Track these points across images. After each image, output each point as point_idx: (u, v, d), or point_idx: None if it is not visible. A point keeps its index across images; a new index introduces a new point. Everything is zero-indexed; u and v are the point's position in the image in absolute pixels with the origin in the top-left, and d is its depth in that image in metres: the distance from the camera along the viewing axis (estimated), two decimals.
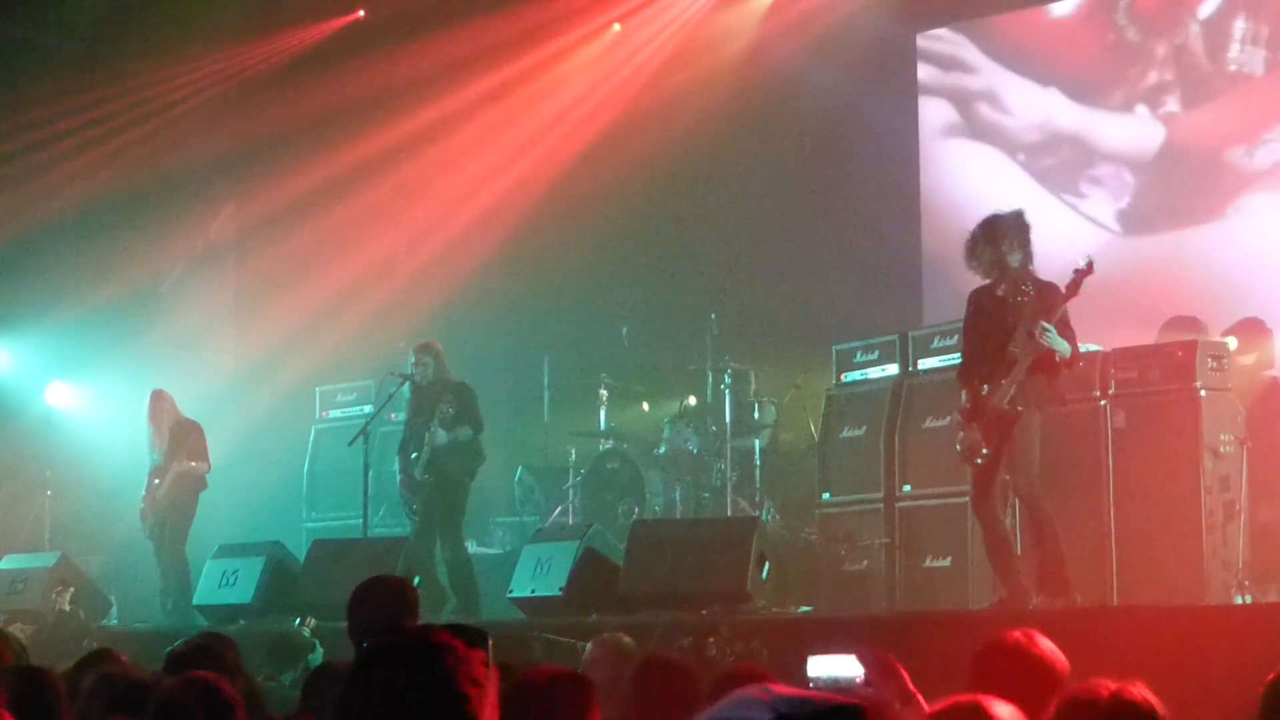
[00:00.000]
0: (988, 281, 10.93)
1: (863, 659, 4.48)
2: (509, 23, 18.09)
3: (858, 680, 4.44)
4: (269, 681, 9.73)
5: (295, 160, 18.55)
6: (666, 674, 6.34)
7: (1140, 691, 4.00)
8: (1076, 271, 10.57)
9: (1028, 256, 10.85)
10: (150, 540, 15.60)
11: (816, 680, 4.45)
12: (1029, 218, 10.99)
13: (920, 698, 4.44)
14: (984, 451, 10.75)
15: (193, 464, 15.49)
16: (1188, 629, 9.22)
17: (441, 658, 2.91)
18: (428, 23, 18.29)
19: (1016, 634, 5.27)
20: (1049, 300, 10.65)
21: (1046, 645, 5.24)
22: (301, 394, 17.69)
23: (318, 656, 10.43)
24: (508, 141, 18.54)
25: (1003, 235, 10.82)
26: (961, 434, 10.94)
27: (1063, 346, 10.62)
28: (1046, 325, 10.50)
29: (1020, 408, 10.62)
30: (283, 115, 19.03)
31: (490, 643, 3.01)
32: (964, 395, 11.00)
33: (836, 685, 4.41)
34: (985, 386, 10.76)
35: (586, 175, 17.98)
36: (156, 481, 15.44)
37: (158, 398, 15.68)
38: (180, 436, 15.56)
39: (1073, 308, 10.75)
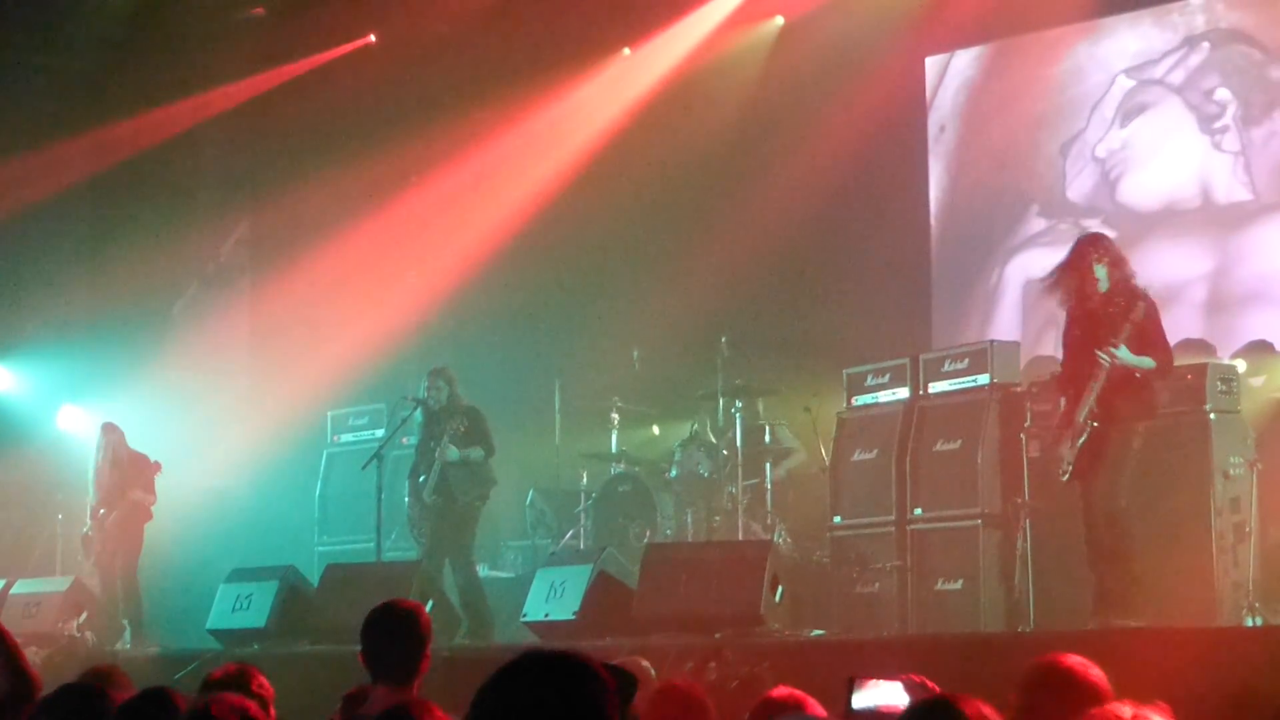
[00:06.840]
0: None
1: (909, 688, 4.48)
2: (521, 48, 18.16)
3: (903, 709, 4.43)
4: None
5: (308, 183, 18.63)
6: (683, 700, 6.36)
7: (1157, 715, 4.00)
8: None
9: (1122, 268, 10.95)
10: (97, 571, 15.75)
11: (862, 710, 4.44)
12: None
13: None
14: (1067, 465, 10.81)
15: (143, 496, 15.63)
16: (1199, 651, 9.21)
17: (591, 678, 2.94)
18: (437, 47, 18.36)
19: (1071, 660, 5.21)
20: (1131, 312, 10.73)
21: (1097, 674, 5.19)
22: (313, 418, 17.71)
23: None
24: (521, 166, 18.56)
25: (1103, 252, 10.91)
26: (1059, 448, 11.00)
27: (1138, 362, 10.66)
28: (1112, 351, 10.56)
29: (1095, 424, 10.66)
30: (294, 138, 19.12)
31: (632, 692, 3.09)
32: (1062, 404, 11.06)
33: (882, 715, 4.41)
34: (1079, 399, 10.82)
35: (598, 200, 18.01)
36: (103, 512, 15.58)
37: (108, 430, 15.80)
38: (132, 469, 15.67)
39: None
